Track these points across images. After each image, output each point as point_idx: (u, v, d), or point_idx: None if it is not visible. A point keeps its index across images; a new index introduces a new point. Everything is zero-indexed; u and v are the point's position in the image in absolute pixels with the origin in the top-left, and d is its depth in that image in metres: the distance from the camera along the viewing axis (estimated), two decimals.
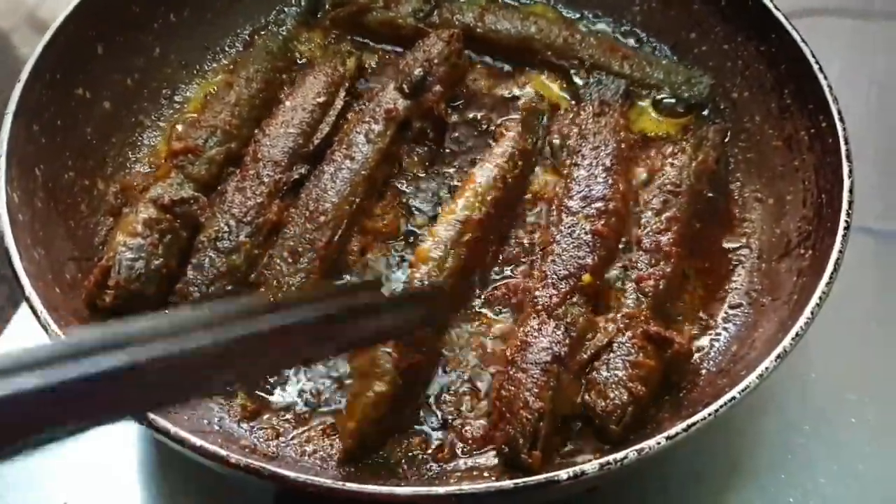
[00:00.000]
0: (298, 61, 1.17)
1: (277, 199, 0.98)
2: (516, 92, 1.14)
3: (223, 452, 0.71)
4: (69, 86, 1.00)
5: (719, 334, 0.94)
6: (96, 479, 0.96)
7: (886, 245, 1.20)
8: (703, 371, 0.90)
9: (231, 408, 0.87)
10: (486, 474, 0.82)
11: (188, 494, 0.95)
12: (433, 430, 0.86)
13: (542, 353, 0.86)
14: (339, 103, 1.07)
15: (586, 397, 0.86)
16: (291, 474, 0.69)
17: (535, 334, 0.88)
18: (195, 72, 1.15)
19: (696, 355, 0.92)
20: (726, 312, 0.96)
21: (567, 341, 0.87)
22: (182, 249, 0.94)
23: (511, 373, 0.86)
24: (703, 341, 0.93)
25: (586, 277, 0.92)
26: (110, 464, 0.97)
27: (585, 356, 0.88)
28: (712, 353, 0.92)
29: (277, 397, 0.88)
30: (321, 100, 1.07)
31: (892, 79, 1.39)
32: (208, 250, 0.93)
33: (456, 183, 1.04)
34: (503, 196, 0.99)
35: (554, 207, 1.00)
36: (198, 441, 0.71)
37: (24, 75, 0.94)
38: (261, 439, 0.84)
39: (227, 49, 1.18)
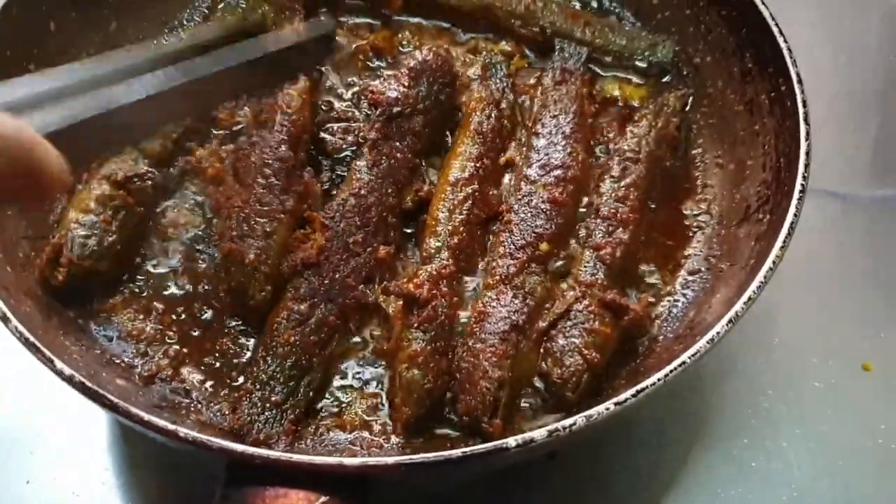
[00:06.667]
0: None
1: None
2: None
3: (172, 427, 0.70)
4: (19, 63, 0.97)
5: (677, 301, 0.94)
6: (60, 460, 0.96)
7: (852, 209, 1.20)
8: (661, 338, 0.90)
9: (189, 383, 0.87)
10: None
11: (151, 469, 0.95)
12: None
13: (500, 322, 0.86)
14: None
15: (543, 365, 0.86)
16: (239, 447, 0.69)
17: (494, 304, 0.87)
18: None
19: (655, 322, 0.92)
20: (685, 278, 0.96)
21: (525, 310, 0.87)
22: (136, 226, 0.93)
23: (470, 344, 0.85)
24: (661, 308, 0.93)
25: (544, 246, 0.92)
26: (74, 443, 0.97)
27: (544, 324, 0.88)
28: (670, 320, 0.92)
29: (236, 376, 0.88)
30: None
31: (860, 45, 1.38)
32: None
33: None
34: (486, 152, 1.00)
35: (513, 177, 1.00)
36: (146, 416, 0.71)
37: None
38: (216, 414, 0.84)
39: (185, 22, 1.16)
